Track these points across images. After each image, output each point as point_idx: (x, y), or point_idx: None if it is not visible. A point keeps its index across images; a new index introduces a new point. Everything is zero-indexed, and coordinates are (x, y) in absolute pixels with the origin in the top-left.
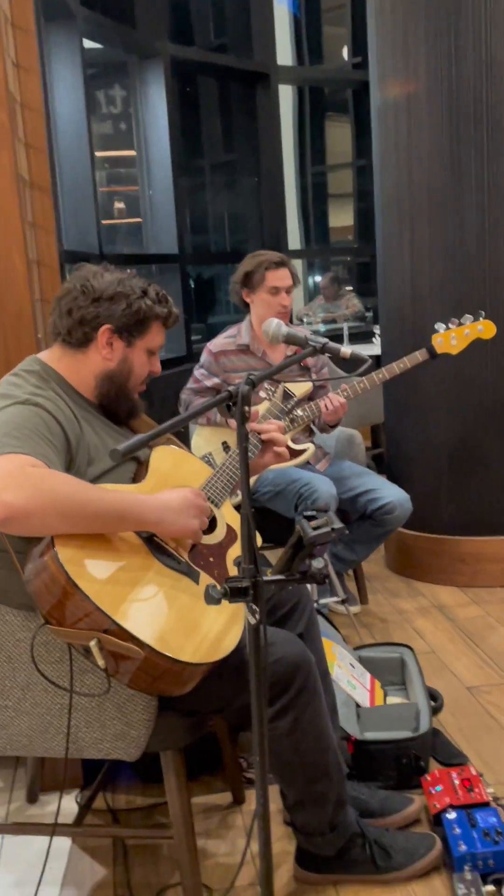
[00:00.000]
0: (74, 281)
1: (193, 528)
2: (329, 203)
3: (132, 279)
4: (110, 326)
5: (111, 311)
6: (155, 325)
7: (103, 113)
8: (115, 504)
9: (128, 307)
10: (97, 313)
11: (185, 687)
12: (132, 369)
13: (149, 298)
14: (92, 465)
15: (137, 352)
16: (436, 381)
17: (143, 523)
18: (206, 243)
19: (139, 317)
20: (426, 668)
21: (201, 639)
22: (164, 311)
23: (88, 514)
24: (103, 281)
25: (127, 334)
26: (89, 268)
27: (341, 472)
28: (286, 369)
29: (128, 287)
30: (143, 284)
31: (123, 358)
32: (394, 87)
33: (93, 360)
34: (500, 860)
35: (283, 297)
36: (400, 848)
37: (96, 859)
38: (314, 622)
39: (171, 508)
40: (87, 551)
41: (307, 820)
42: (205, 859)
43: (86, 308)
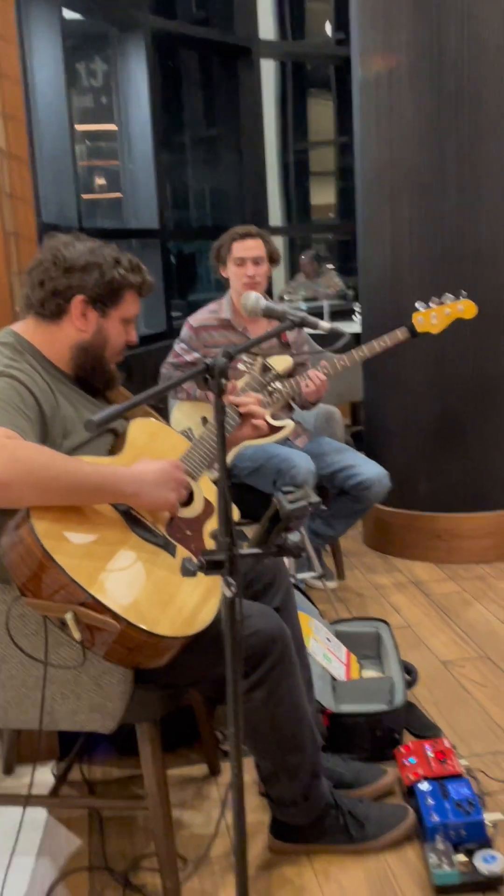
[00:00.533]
0: (45, 252)
1: (171, 500)
2: (311, 180)
3: (104, 248)
4: (84, 297)
5: (84, 282)
6: (129, 294)
7: (84, 86)
8: (91, 475)
9: (101, 277)
10: (69, 284)
11: (161, 659)
12: (108, 340)
13: (122, 267)
14: (67, 438)
15: (112, 322)
16: (415, 359)
17: (120, 495)
18: (188, 219)
19: (113, 286)
20: (402, 642)
21: (177, 612)
22: (137, 280)
23: (65, 486)
24: (75, 251)
25: (101, 304)
26: (60, 238)
27: (320, 449)
28: (267, 346)
29: (100, 256)
30: (115, 253)
31: (98, 329)
32: (375, 62)
33: (67, 331)
34: (471, 830)
35: (248, 267)
36: (373, 818)
37: (72, 830)
38: (291, 596)
39: (148, 481)
40: (63, 524)
41: (282, 791)
42: (180, 830)
43: (58, 279)
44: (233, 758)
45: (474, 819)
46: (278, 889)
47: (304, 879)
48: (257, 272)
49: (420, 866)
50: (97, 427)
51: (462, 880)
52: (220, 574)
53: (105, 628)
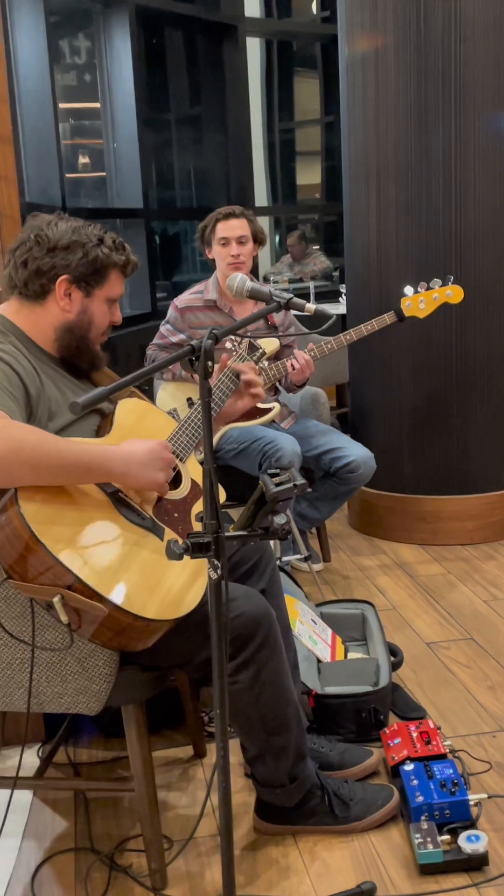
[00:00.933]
0: (28, 231)
1: (159, 480)
2: (297, 160)
3: (87, 227)
4: (68, 277)
5: (68, 261)
6: (113, 273)
7: (67, 63)
8: (81, 455)
9: (84, 256)
10: (53, 264)
11: (147, 642)
12: (92, 320)
13: (105, 246)
14: (53, 420)
15: (97, 302)
16: (401, 341)
17: (109, 474)
18: (172, 199)
19: (97, 266)
20: (387, 624)
21: (164, 595)
22: (121, 259)
23: (54, 465)
24: (58, 230)
25: (85, 284)
26: (43, 217)
27: (306, 431)
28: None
29: (83, 235)
30: (99, 232)
31: (83, 309)
32: (362, 41)
33: (51, 311)
34: (455, 810)
35: (232, 247)
36: (358, 799)
37: (58, 812)
38: (276, 579)
39: (136, 461)
40: (50, 507)
41: (267, 772)
42: (165, 811)
43: (41, 259)
44: (218, 739)
45: (458, 799)
46: (264, 869)
47: (289, 859)
48: (242, 252)
49: (405, 846)
50: (82, 409)
51: (446, 859)
52: (206, 557)
53: (92, 611)
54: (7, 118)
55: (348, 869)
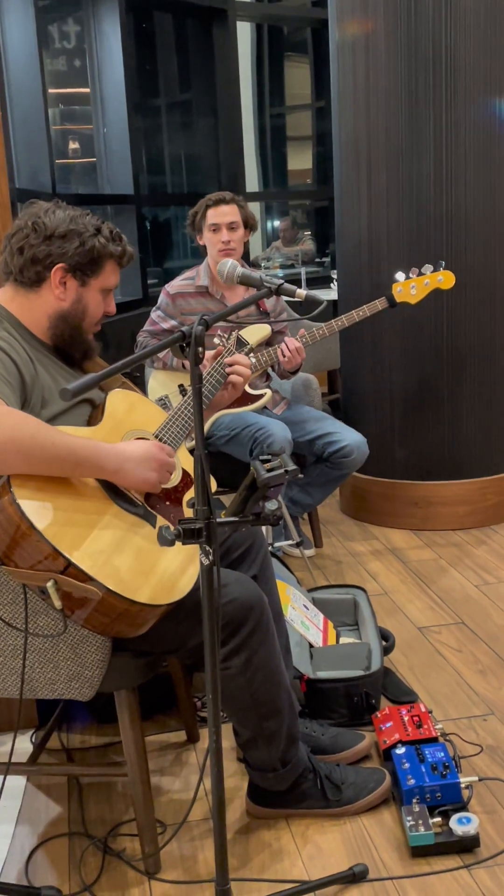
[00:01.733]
0: (25, 218)
1: (151, 480)
2: (288, 145)
3: (85, 217)
4: (63, 265)
5: (64, 250)
6: (109, 263)
7: (57, 48)
8: (76, 449)
9: (81, 245)
10: (49, 252)
11: (141, 628)
12: (86, 309)
13: (102, 236)
14: (46, 407)
15: (91, 291)
16: (392, 327)
17: (102, 471)
18: (163, 184)
19: (92, 255)
20: (379, 609)
21: (158, 580)
22: (118, 250)
23: (49, 456)
24: (55, 218)
25: (80, 273)
26: (41, 204)
27: (299, 416)
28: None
29: (80, 225)
30: (96, 222)
31: (77, 298)
32: (352, 25)
33: (46, 299)
34: (447, 793)
35: (223, 233)
36: (350, 782)
37: (51, 797)
38: (268, 564)
39: (131, 459)
40: (44, 493)
41: (259, 756)
42: (158, 796)
43: (37, 246)
44: (211, 724)
45: (450, 782)
46: (257, 853)
47: (282, 843)
48: (232, 238)
49: (396, 828)
50: (72, 395)
51: (437, 842)
52: (198, 543)
53: (86, 596)
54: None
55: (340, 851)
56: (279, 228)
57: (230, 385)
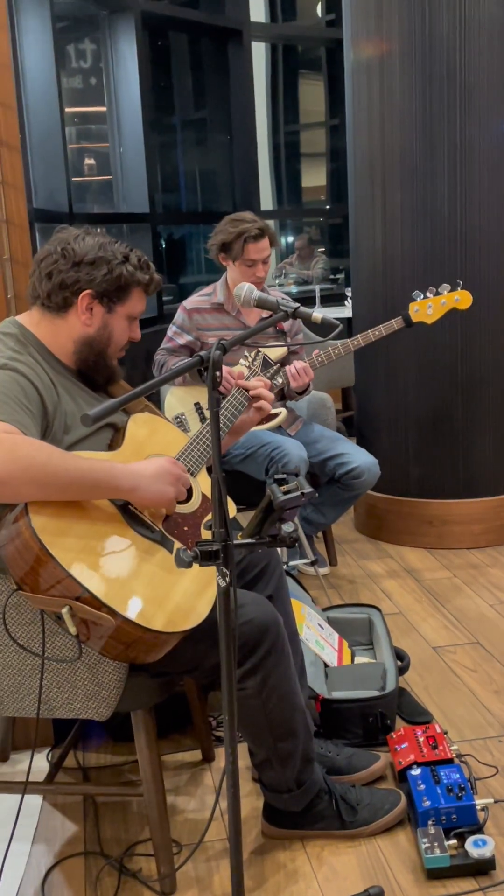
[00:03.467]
0: (55, 244)
1: (168, 495)
2: (302, 162)
3: (114, 244)
4: (91, 291)
5: (92, 276)
6: (136, 291)
7: (73, 67)
8: (89, 472)
9: (109, 272)
10: (77, 278)
11: (157, 654)
12: (112, 335)
13: (130, 264)
14: (68, 433)
15: (117, 318)
16: (407, 345)
17: (118, 491)
18: (178, 202)
19: (120, 283)
20: (393, 628)
21: (174, 607)
22: (145, 278)
23: (63, 482)
24: (85, 245)
25: (107, 300)
26: (71, 230)
27: (312, 436)
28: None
29: (109, 252)
30: (124, 250)
31: (103, 324)
32: (367, 46)
33: (72, 324)
34: (462, 815)
35: (258, 268)
36: (365, 804)
37: (67, 816)
38: (283, 584)
39: (145, 476)
40: (61, 519)
41: (275, 777)
42: (174, 815)
43: (66, 272)
44: (227, 745)
45: (465, 804)
46: (272, 874)
47: (297, 864)
48: (265, 270)
49: (412, 850)
50: (93, 421)
51: (453, 864)
52: (215, 565)
53: (101, 623)
54: (15, 126)
55: (356, 873)
56: (295, 246)
57: (255, 409)
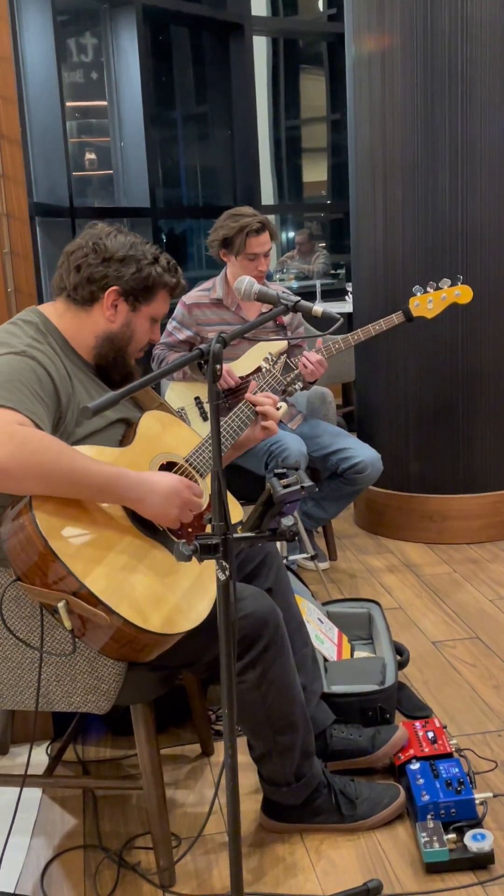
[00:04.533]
0: (87, 238)
1: (171, 516)
2: (303, 157)
3: (145, 245)
4: (118, 288)
5: (121, 273)
6: (162, 293)
7: (74, 61)
8: (97, 475)
9: (138, 272)
10: (106, 273)
11: (151, 654)
12: (133, 334)
13: (160, 266)
14: (80, 426)
15: (141, 317)
16: (408, 340)
17: (123, 500)
18: (178, 196)
19: (147, 283)
20: (393, 623)
21: (171, 609)
22: (172, 281)
23: (68, 482)
24: (116, 242)
25: (133, 299)
26: (103, 227)
27: (314, 431)
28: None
29: (140, 251)
30: (155, 251)
31: (127, 322)
32: (368, 41)
33: (95, 319)
34: (461, 809)
35: (260, 261)
36: (364, 798)
37: (66, 810)
38: (283, 576)
39: (155, 492)
40: (64, 515)
41: (274, 770)
42: (173, 809)
43: (95, 267)
44: (226, 739)
45: (464, 798)
46: (271, 867)
47: (296, 857)
48: (266, 264)
49: (411, 844)
50: (93, 414)
51: (452, 858)
52: (214, 558)
53: (96, 620)
54: (16, 120)
55: (355, 867)
56: (296, 241)
57: (262, 429)
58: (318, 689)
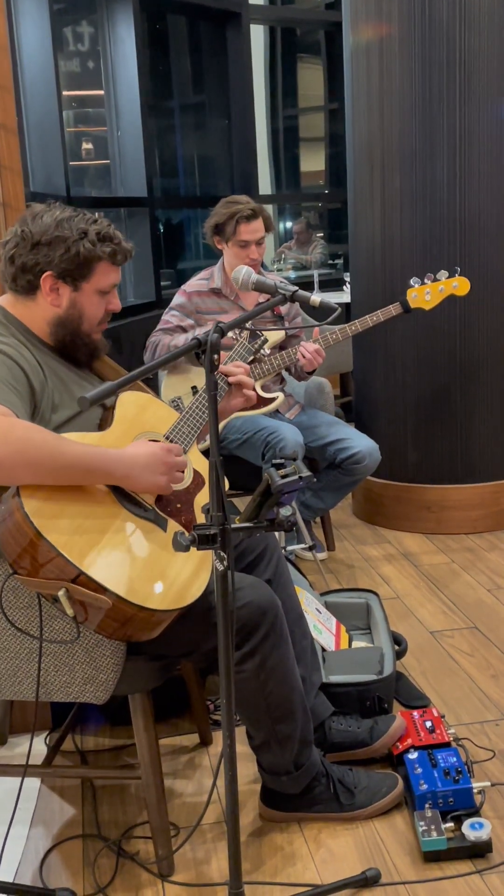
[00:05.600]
0: (18, 224)
1: (160, 484)
2: (300, 147)
3: (73, 220)
4: (51, 273)
5: (50, 258)
6: (100, 265)
7: (70, 50)
8: (83, 458)
9: (66, 252)
10: (37, 260)
11: (152, 633)
12: (83, 313)
13: (88, 240)
14: (56, 412)
15: (86, 295)
16: (406, 331)
17: (110, 477)
18: (175, 186)
19: (79, 260)
20: (391, 613)
21: (168, 585)
22: (106, 251)
23: (56, 467)
24: (42, 224)
25: (70, 279)
26: (33, 208)
27: (312, 421)
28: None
29: (66, 229)
30: (84, 225)
31: (71, 303)
32: (366, 29)
33: (42, 306)
34: (459, 798)
35: (252, 250)
36: (363, 787)
37: (65, 799)
38: (283, 567)
39: (138, 465)
40: (53, 501)
41: (272, 760)
42: (172, 798)
43: (25, 255)
44: (225, 728)
45: (462, 787)
46: (270, 856)
47: (294, 846)
48: (259, 252)
49: (409, 833)
50: (90, 404)
51: (450, 847)
52: (212, 548)
53: (98, 603)
54: (12, 108)
55: (353, 856)
56: (293, 231)
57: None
58: (317, 681)
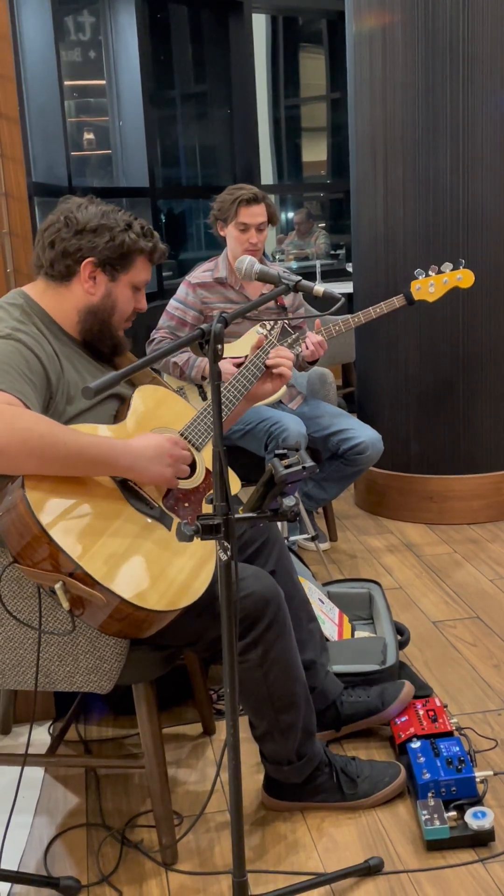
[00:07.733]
0: (59, 213)
1: (166, 476)
2: (302, 137)
3: (117, 212)
4: (93, 259)
5: (94, 244)
6: (139, 259)
7: (72, 40)
8: (87, 448)
9: (111, 240)
10: (80, 246)
11: (150, 631)
12: (116, 304)
13: (133, 232)
14: (71, 404)
15: (121, 287)
16: (408, 322)
17: (115, 469)
18: (177, 176)
19: (122, 250)
20: (394, 603)
21: (168, 585)
22: (148, 246)
23: (60, 457)
24: (87, 213)
25: (110, 268)
26: (75, 200)
27: (314, 412)
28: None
29: (112, 220)
30: (127, 218)
31: (107, 293)
32: (368, 18)
33: (76, 293)
34: (462, 787)
35: (251, 234)
36: (365, 776)
37: (69, 788)
38: (286, 557)
39: (144, 456)
40: (57, 494)
41: (275, 749)
42: (175, 787)
43: (68, 240)
44: (228, 718)
45: (465, 776)
46: (273, 845)
47: (297, 835)
48: (260, 239)
49: (412, 822)
50: (94, 394)
51: (452, 835)
52: (216, 538)
53: (93, 600)
54: (14, 98)
55: (356, 844)
56: (294, 221)
57: (277, 377)
58: (326, 662)
